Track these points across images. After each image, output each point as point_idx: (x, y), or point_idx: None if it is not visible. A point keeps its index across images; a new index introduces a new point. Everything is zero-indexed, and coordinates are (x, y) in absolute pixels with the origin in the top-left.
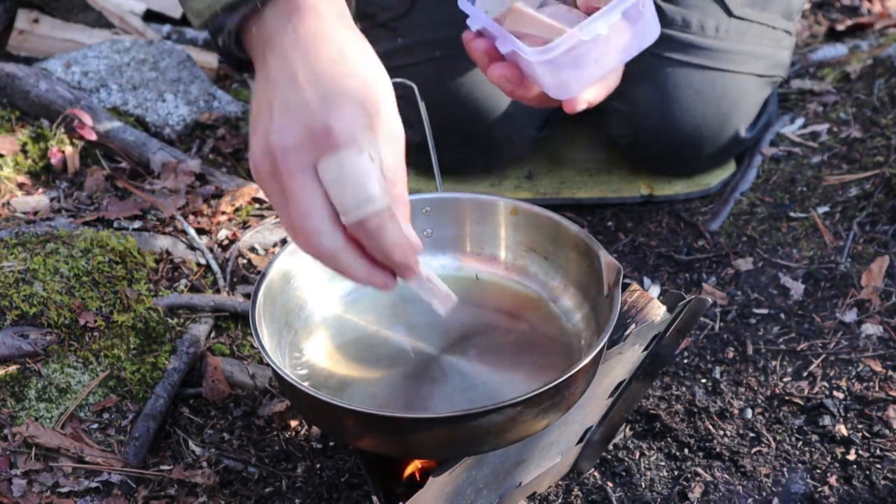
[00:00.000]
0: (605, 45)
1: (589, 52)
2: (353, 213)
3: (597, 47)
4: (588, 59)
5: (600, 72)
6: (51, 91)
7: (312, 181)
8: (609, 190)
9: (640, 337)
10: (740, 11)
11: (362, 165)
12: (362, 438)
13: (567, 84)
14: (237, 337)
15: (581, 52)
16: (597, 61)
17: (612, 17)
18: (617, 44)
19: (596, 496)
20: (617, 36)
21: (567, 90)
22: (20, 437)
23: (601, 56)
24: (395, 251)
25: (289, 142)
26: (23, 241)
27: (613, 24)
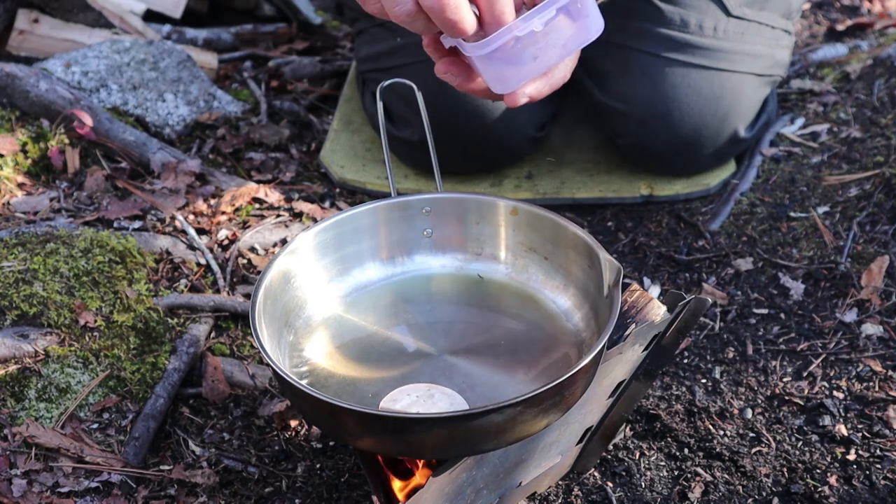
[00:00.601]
0: (542, 41)
1: (525, 48)
2: None
3: (534, 43)
4: (525, 55)
5: (540, 67)
6: (51, 91)
7: None
8: (609, 190)
9: (640, 337)
10: (739, 11)
11: None
12: (362, 438)
13: (506, 79)
14: (237, 337)
15: (517, 49)
16: (535, 57)
17: (546, 13)
18: (557, 39)
19: (596, 496)
20: (555, 32)
21: (506, 85)
22: (20, 437)
23: (539, 52)
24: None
25: None
26: (23, 241)
27: (551, 21)
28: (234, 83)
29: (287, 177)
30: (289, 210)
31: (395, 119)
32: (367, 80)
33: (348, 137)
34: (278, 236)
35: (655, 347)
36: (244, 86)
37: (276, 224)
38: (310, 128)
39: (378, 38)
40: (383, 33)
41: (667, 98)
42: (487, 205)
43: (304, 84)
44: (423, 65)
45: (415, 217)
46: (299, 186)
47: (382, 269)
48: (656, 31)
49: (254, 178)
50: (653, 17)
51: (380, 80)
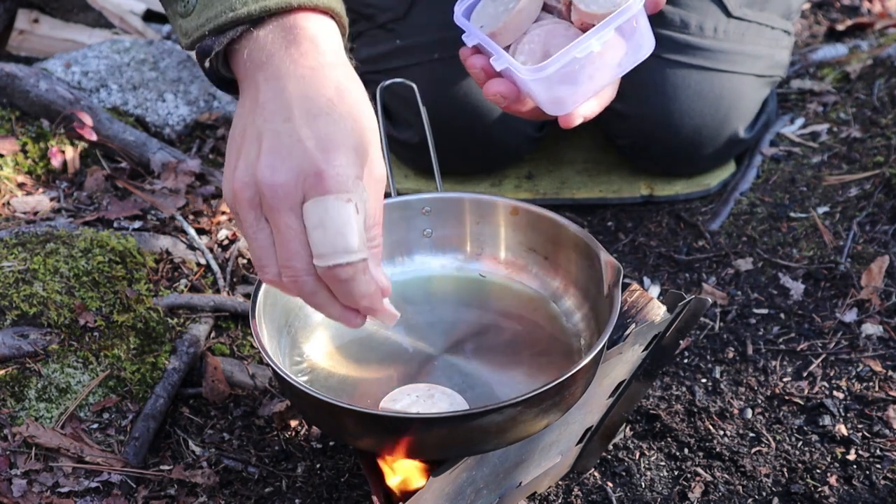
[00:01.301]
0: (599, 61)
1: (583, 68)
2: (328, 260)
3: (591, 63)
4: (582, 75)
5: (595, 87)
6: (51, 91)
7: (298, 220)
8: (609, 190)
9: (640, 337)
10: (739, 12)
11: (346, 214)
12: (362, 438)
13: (562, 100)
14: (237, 337)
15: (575, 69)
16: (591, 77)
17: (605, 33)
18: (611, 59)
19: (596, 496)
20: (611, 51)
21: (562, 106)
22: (20, 437)
23: (595, 72)
24: (363, 300)
25: (279, 179)
26: (23, 241)
27: (607, 41)
28: None
29: None
30: None
31: (395, 120)
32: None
33: None
34: None
35: (655, 347)
36: None
37: None
38: None
39: (378, 40)
40: (383, 35)
41: (667, 99)
42: (487, 205)
43: None
44: (423, 66)
45: (415, 217)
46: None
47: None
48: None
49: None
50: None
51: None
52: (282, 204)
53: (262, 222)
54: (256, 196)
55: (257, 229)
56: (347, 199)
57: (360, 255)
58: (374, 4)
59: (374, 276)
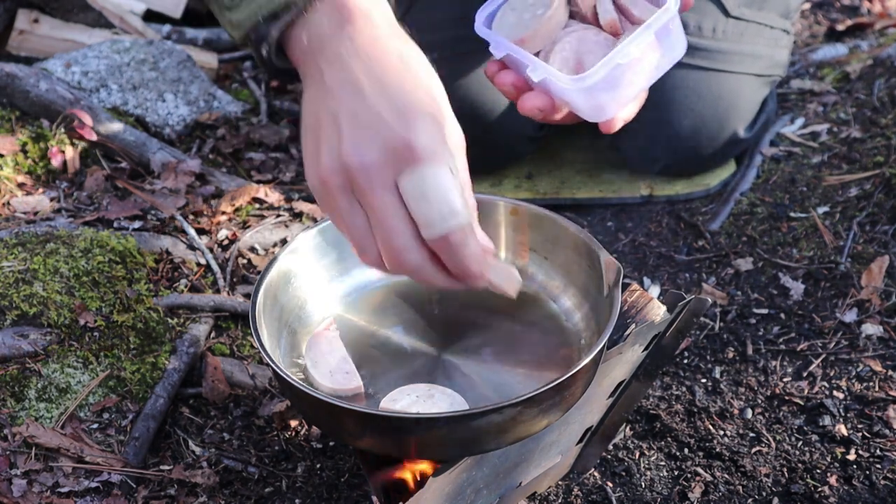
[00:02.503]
0: (638, 66)
1: (623, 74)
2: (438, 228)
3: (631, 68)
4: (623, 80)
5: (634, 91)
6: (51, 91)
7: (394, 197)
8: (609, 190)
9: (640, 337)
10: (737, 12)
11: (445, 179)
12: (362, 438)
13: (603, 107)
14: (237, 337)
15: (616, 75)
16: (631, 82)
17: (645, 37)
18: (649, 63)
19: (596, 496)
20: (649, 55)
21: (603, 113)
22: (20, 437)
23: (635, 76)
24: (473, 264)
25: (368, 159)
26: (23, 241)
27: (646, 44)
28: (234, 83)
29: (287, 177)
30: (289, 210)
31: None
32: None
33: None
34: (278, 236)
35: (655, 347)
36: (244, 86)
37: (276, 224)
38: None
39: None
40: None
41: (666, 99)
42: (487, 205)
43: None
44: None
45: None
46: (299, 186)
47: None
48: None
49: (254, 178)
50: None
51: None
52: (375, 183)
53: (356, 206)
54: (347, 181)
55: (353, 214)
56: (443, 165)
57: (466, 215)
58: None
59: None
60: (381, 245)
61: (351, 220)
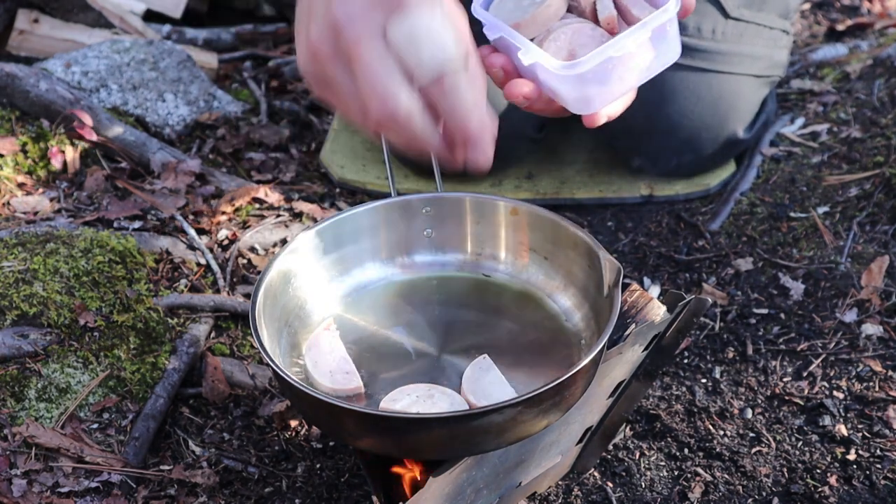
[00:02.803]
0: (630, 63)
1: (615, 68)
2: (429, 68)
3: (622, 64)
4: (613, 75)
5: (623, 89)
6: (51, 91)
7: (382, 44)
8: (609, 190)
9: (640, 337)
10: (737, 13)
11: (435, 22)
12: (362, 438)
13: (590, 99)
14: (237, 337)
15: (608, 69)
16: (621, 78)
17: (642, 34)
18: (642, 62)
19: (596, 496)
20: (643, 54)
21: (589, 105)
22: (20, 437)
23: (625, 73)
24: (472, 115)
25: (353, 9)
26: (23, 241)
27: (641, 43)
28: (234, 83)
29: (287, 177)
30: (289, 210)
31: None
32: None
33: (348, 137)
34: (278, 236)
35: (655, 347)
36: (244, 86)
37: (276, 224)
38: (310, 128)
39: None
40: None
41: (665, 101)
42: (487, 205)
43: (305, 84)
44: None
45: (415, 217)
46: (299, 186)
47: (382, 269)
48: None
49: (254, 178)
50: None
51: None
52: (362, 32)
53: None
54: (335, 42)
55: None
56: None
57: (460, 58)
58: None
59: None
60: (371, 98)
61: (346, 88)
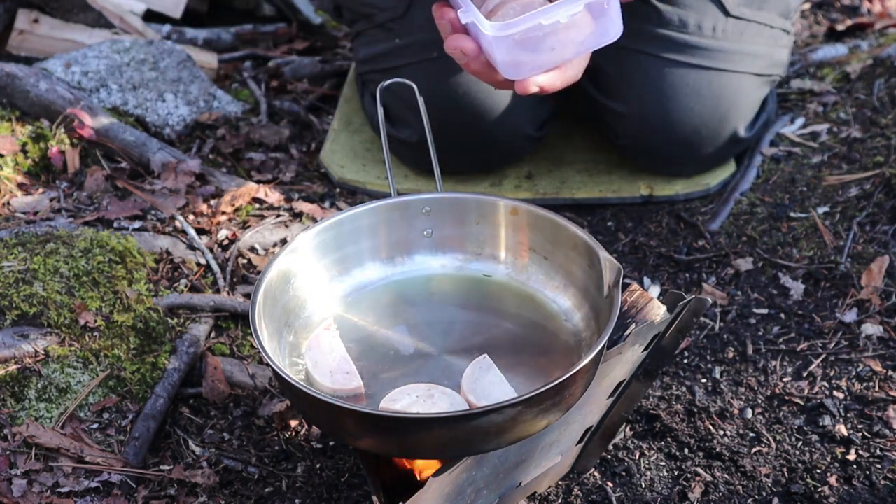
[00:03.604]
0: (563, 34)
1: (546, 37)
2: None
3: (555, 34)
4: (544, 44)
5: (554, 59)
6: (51, 91)
7: None
8: (609, 190)
9: (640, 337)
10: (737, 11)
11: None
12: (362, 438)
13: (520, 65)
14: (237, 337)
15: (538, 36)
16: (552, 48)
17: (574, 6)
18: (575, 35)
19: (596, 496)
20: (577, 28)
21: (518, 71)
22: (20, 437)
23: (557, 44)
24: None
25: None
26: (23, 241)
27: (575, 16)
28: (234, 83)
29: (287, 177)
30: (289, 210)
31: (395, 120)
32: (366, 81)
33: (348, 137)
34: (278, 236)
35: (655, 347)
36: (244, 86)
37: (276, 224)
38: (310, 128)
39: (377, 39)
40: (382, 34)
41: (666, 99)
42: (487, 205)
43: (304, 84)
44: (423, 65)
45: (415, 217)
46: (299, 186)
47: (382, 269)
48: (655, 32)
49: (254, 178)
50: (651, 18)
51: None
52: None
53: None
54: None
55: None
56: None
57: None
58: (372, 4)
59: None
60: None
61: None
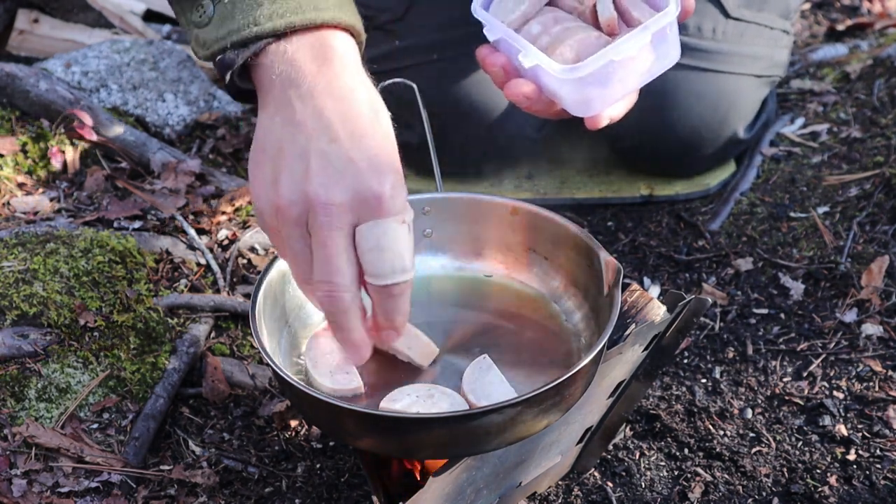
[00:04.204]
0: (631, 66)
1: (615, 71)
2: (386, 279)
3: (623, 67)
4: (613, 78)
5: (623, 91)
6: (51, 91)
7: (348, 240)
8: (609, 190)
9: (640, 337)
10: (737, 13)
11: (403, 236)
12: (362, 438)
13: (590, 102)
14: (237, 337)
15: (609, 72)
16: (622, 81)
17: (643, 38)
18: (642, 65)
19: (596, 496)
20: (643, 57)
21: (589, 108)
22: (20, 437)
23: (626, 76)
24: (401, 317)
25: (335, 199)
26: (23, 241)
27: (642, 46)
28: None
29: None
30: None
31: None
32: None
33: None
34: None
35: (655, 347)
36: None
37: None
38: None
39: (376, 41)
40: (381, 36)
41: (666, 100)
42: (487, 205)
43: None
44: (422, 67)
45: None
46: None
47: None
48: None
49: None
50: None
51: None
52: (335, 223)
53: (305, 238)
54: (304, 213)
55: (300, 245)
56: (402, 221)
57: (412, 272)
58: (372, 5)
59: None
60: (320, 281)
61: (299, 250)
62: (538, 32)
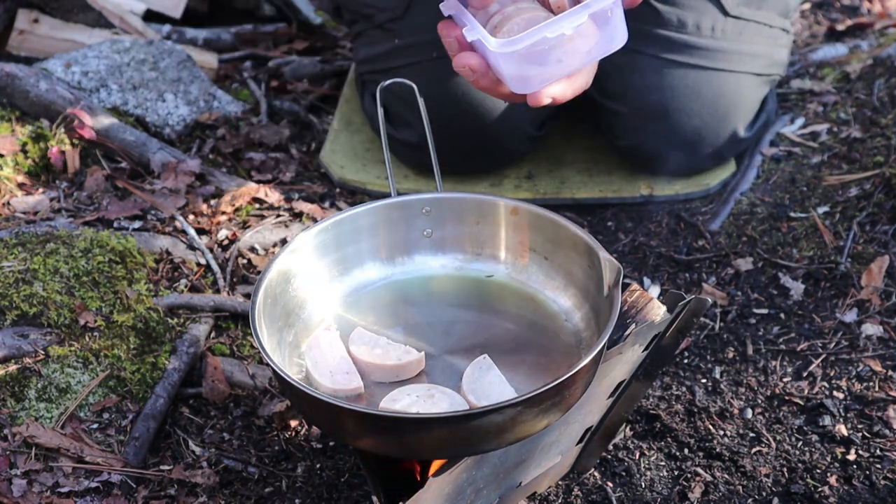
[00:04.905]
0: (569, 45)
1: (552, 49)
2: None
3: (561, 46)
4: (551, 57)
5: (563, 71)
6: (51, 91)
7: None
8: (609, 190)
9: (640, 337)
10: (736, 11)
11: None
12: (362, 438)
13: (528, 79)
14: (237, 337)
15: (544, 50)
16: (559, 60)
17: (578, 18)
18: (582, 46)
19: (596, 496)
20: (583, 38)
21: (527, 85)
22: (20, 437)
23: (564, 56)
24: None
25: None
26: (23, 241)
27: (580, 26)
28: (234, 83)
29: (287, 177)
30: (289, 210)
31: (395, 120)
32: (366, 82)
33: (348, 137)
34: (278, 236)
35: (655, 347)
36: (244, 86)
37: (276, 224)
38: (310, 128)
39: (377, 40)
40: (382, 35)
41: (665, 99)
42: (487, 205)
43: (304, 84)
44: (422, 65)
45: (415, 217)
46: (299, 186)
47: (382, 269)
48: (654, 32)
49: (254, 178)
50: (650, 19)
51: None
52: None
53: None
54: None
55: None
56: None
57: None
58: (372, 4)
59: None
60: None
61: None
62: (494, 11)
